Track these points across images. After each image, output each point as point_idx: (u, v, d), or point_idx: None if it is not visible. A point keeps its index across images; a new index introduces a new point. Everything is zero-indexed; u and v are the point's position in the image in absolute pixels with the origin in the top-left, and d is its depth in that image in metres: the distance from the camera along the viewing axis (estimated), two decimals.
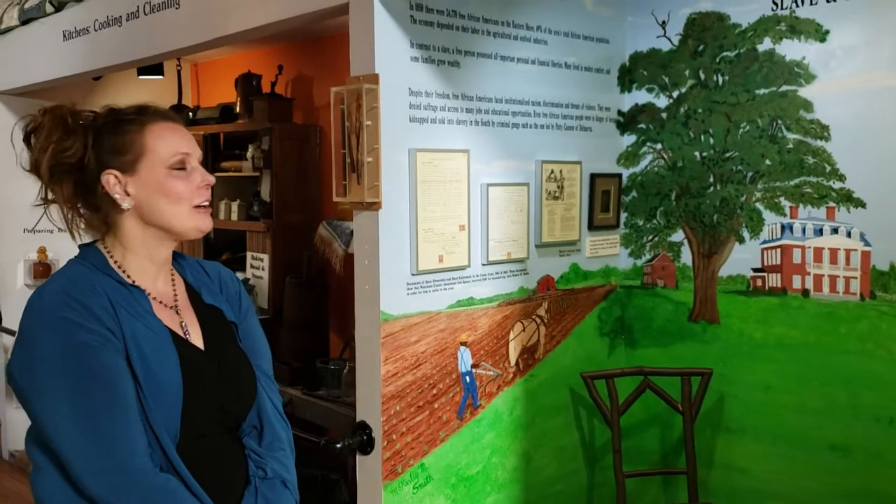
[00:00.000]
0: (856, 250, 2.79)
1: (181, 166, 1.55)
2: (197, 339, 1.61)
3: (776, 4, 2.90)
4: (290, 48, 5.13)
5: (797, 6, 2.85)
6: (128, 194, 1.53)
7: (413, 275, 2.59)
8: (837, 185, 2.81)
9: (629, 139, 3.36)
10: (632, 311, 3.41)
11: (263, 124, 4.77)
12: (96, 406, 1.39)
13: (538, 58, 2.97)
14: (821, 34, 2.81)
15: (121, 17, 3.67)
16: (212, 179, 1.58)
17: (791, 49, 2.88)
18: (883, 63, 2.67)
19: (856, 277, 2.79)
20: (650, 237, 3.35)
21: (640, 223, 3.37)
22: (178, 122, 1.60)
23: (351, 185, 2.53)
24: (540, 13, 2.96)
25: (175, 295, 1.63)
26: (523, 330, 2.96)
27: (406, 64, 2.55)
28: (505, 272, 2.89)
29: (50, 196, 1.56)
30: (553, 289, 3.10)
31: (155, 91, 5.53)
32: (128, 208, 1.53)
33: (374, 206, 2.49)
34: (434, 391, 2.67)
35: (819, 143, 2.84)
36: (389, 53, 2.49)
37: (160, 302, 1.58)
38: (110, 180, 1.52)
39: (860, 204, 2.76)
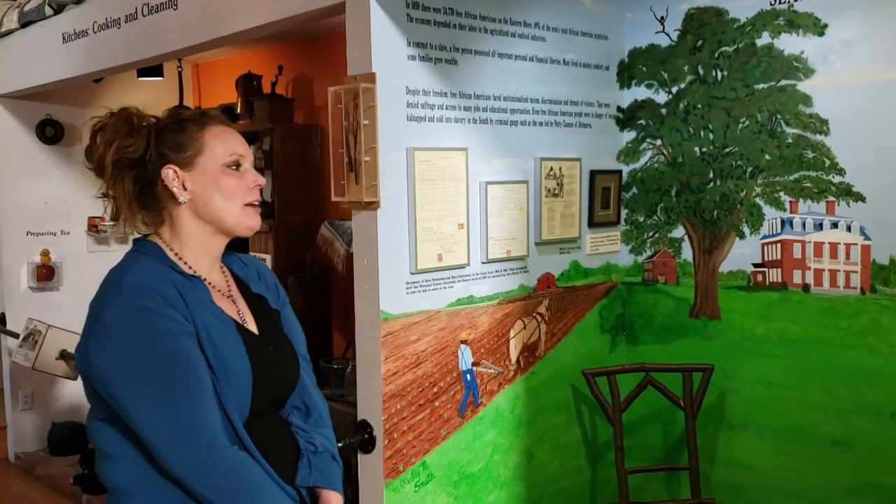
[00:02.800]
0: (856, 244, 2.78)
1: (235, 166, 1.64)
2: (252, 326, 1.70)
3: None
4: (291, 48, 5.13)
5: (795, 0, 2.84)
6: (185, 188, 1.62)
7: (412, 274, 2.59)
8: (837, 179, 2.81)
9: (629, 135, 3.36)
10: (633, 307, 3.41)
11: (264, 125, 4.77)
12: (179, 390, 1.47)
13: (536, 55, 2.97)
14: (819, 28, 2.80)
15: (119, 18, 3.67)
16: (262, 181, 1.67)
17: (789, 43, 2.87)
18: (882, 57, 2.66)
19: (856, 272, 2.79)
20: (651, 233, 3.35)
21: (641, 219, 3.37)
22: (233, 126, 1.70)
23: (349, 185, 2.53)
24: (538, 10, 2.96)
25: (228, 285, 1.72)
26: (524, 328, 2.96)
27: (403, 62, 2.55)
28: (505, 270, 2.89)
29: (111, 191, 1.65)
30: (553, 286, 3.09)
31: (156, 92, 5.53)
32: (184, 202, 1.62)
33: (373, 205, 2.49)
34: (435, 389, 2.67)
35: (818, 137, 2.84)
36: (386, 52, 2.49)
37: (218, 291, 1.67)
38: (169, 174, 1.61)
39: (860, 198, 2.76)
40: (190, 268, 1.63)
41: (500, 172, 2.85)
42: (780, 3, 2.88)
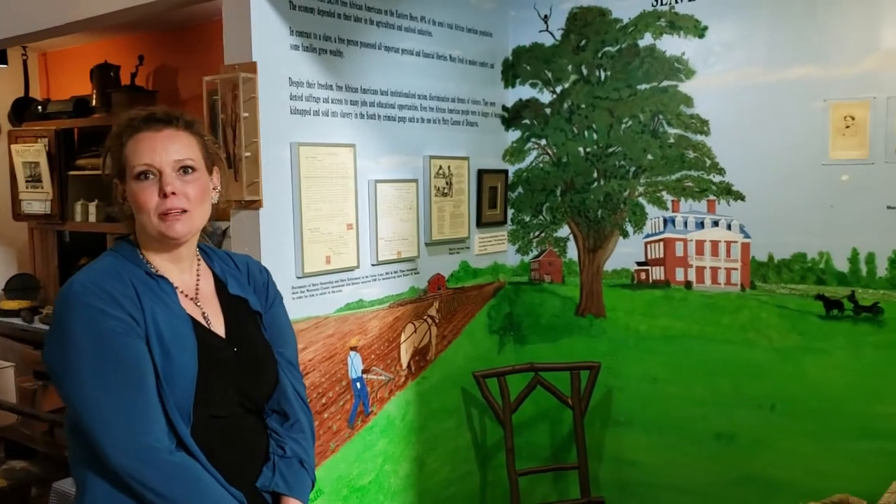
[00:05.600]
0: (736, 242, 2.85)
1: (144, 177, 1.60)
2: (218, 328, 1.69)
3: (656, 0, 2.93)
4: (152, 37, 4.79)
5: (676, 2, 2.88)
6: (125, 199, 1.64)
7: (298, 278, 2.43)
8: (717, 178, 2.87)
9: (514, 135, 3.32)
10: (520, 307, 3.38)
11: None
12: (119, 387, 1.50)
13: (423, 49, 2.88)
14: (699, 30, 2.86)
15: None
16: (168, 189, 1.59)
17: (671, 45, 2.92)
18: (759, 59, 2.74)
19: (736, 269, 2.86)
20: (537, 233, 3.33)
21: (527, 219, 3.34)
22: (159, 129, 1.63)
23: (228, 182, 2.33)
24: (423, 4, 2.86)
25: (197, 287, 1.71)
26: (415, 331, 2.86)
27: (286, 52, 2.39)
28: (395, 272, 2.78)
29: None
30: (444, 288, 3.01)
31: (1, 82, 5.05)
32: (129, 213, 1.65)
33: (255, 204, 2.32)
34: (323, 400, 2.52)
35: (699, 137, 2.89)
36: (267, 41, 2.32)
37: (183, 293, 1.67)
38: (116, 188, 1.66)
39: (739, 197, 2.83)
40: (155, 269, 1.65)
41: (388, 170, 2.74)
42: (661, 4, 2.92)
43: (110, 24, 3.22)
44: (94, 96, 4.72)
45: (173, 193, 1.59)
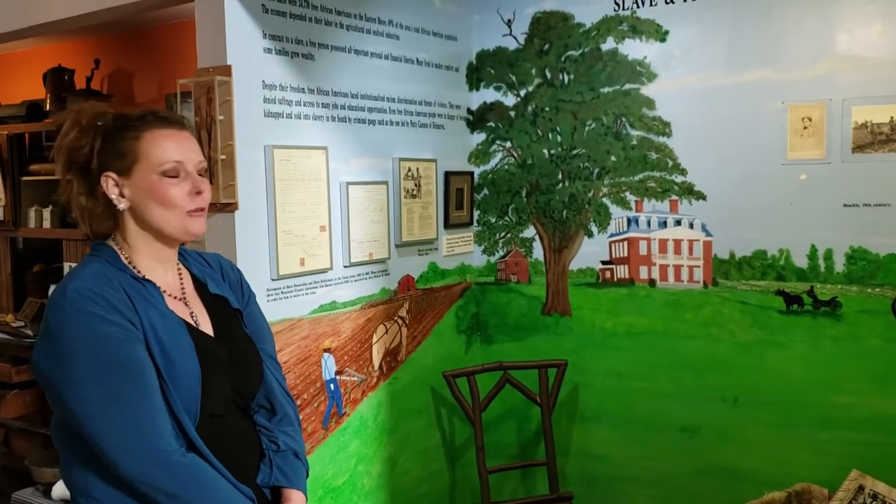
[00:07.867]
0: (698, 240, 2.94)
1: (174, 174, 1.60)
2: (206, 327, 1.69)
3: (618, 5, 3.01)
4: (106, 41, 4.72)
5: (638, 7, 2.96)
6: (123, 196, 1.60)
7: (273, 280, 2.43)
8: (679, 178, 2.96)
9: (479, 137, 3.37)
10: (486, 307, 3.43)
11: None
12: (124, 394, 1.49)
13: (391, 53, 2.90)
14: (661, 34, 2.94)
15: None
16: (202, 187, 1.62)
17: (633, 49, 3.00)
18: (718, 63, 2.83)
19: (699, 266, 2.95)
20: (503, 234, 3.38)
21: (493, 220, 3.39)
22: (179, 129, 1.64)
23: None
24: (390, 7, 2.89)
25: (182, 287, 1.71)
26: (386, 332, 2.88)
27: (259, 55, 2.39)
28: (367, 273, 2.80)
29: (63, 195, 1.66)
30: (413, 289, 3.04)
31: None
32: (123, 209, 1.61)
33: (230, 207, 2.32)
34: (298, 402, 2.52)
35: (661, 139, 2.98)
36: (241, 44, 2.33)
37: (170, 294, 1.66)
38: (108, 182, 1.60)
39: (701, 196, 2.92)
40: (139, 272, 1.63)
41: (359, 172, 2.76)
42: (623, 9, 3.00)
43: (69, 28, 3.17)
44: (48, 100, 4.63)
45: (200, 193, 1.61)
